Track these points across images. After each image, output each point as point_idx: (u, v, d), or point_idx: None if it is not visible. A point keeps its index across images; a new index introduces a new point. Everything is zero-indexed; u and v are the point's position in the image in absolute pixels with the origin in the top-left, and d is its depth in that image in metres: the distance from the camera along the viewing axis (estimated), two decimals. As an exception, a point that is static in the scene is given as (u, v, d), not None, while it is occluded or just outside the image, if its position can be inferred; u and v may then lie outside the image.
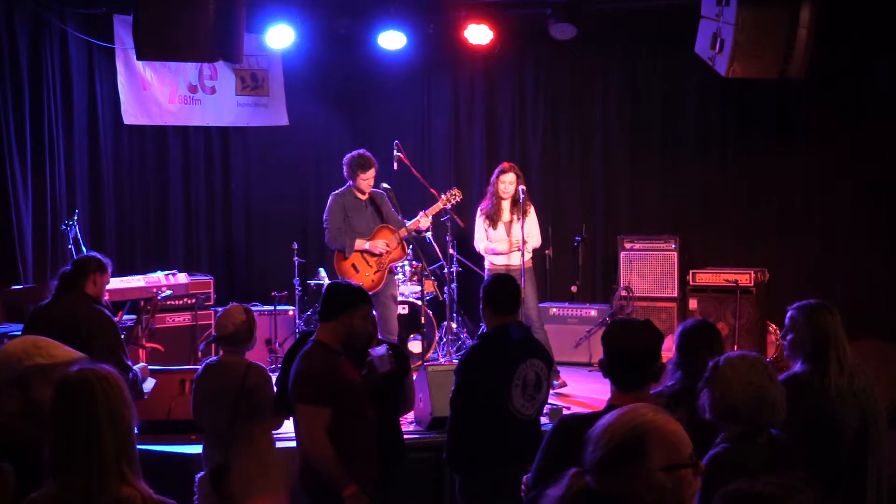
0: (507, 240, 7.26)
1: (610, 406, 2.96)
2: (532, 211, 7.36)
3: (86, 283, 4.73)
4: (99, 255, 4.90)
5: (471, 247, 8.83)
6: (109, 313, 4.81)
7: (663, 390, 3.58)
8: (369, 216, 7.22)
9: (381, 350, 4.06)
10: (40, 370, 2.72)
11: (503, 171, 7.28)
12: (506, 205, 7.32)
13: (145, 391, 4.96)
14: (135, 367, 4.82)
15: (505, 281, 4.30)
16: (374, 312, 6.96)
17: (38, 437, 2.47)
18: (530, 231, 7.27)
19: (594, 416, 3.06)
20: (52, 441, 2.37)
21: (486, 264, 7.43)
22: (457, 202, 7.44)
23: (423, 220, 7.28)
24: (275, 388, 4.39)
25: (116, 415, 2.38)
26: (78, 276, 4.74)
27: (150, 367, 5.31)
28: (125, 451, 2.37)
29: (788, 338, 3.67)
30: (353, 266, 7.13)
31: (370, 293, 6.91)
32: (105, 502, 2.31)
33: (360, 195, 7.19)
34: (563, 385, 7.13)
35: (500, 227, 7.31)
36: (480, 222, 7.43)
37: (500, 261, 7.31)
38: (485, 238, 7.39)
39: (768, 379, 2.91)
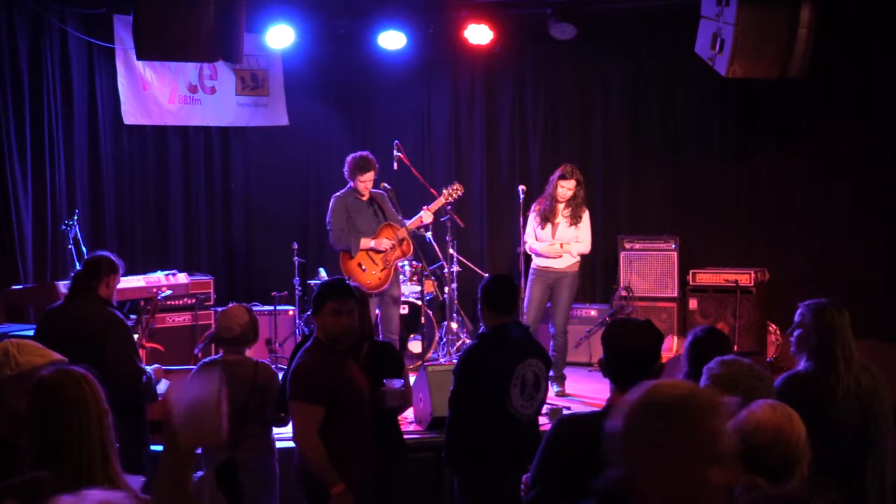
0: (551, 241, 7.10)
1: (609, 406, 2.97)
2: (586, 216, 7.21)
3: (99, 286, 4.71)
4: (111, 256, 4.86)
5: (472, 247, 8.85)
6: (122, 316, 4.79)
7: None
8: (371, 216, 7.22)
9: (396, 384, 4.10)
10: (10, 380, 2.70)
11: (564, 177, 7.06)
12: (560, 206, 7.15)
13: (159, 393, 4.95)
14: (149, 370, 4.81)
15: (503, 281, 4.31)
16: (378, 310, 7.04)
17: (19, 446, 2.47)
18: (579, 237, 7.15)
19: (593, 416, 3.07)
20: (33, 442, 2.36)
21: (532, 266, 7.23)
22: (459, 196, 7.42)
23: (426, 216, 7.27)
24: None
25: (101, 413, 2.38)
26: (91, 278, 4.71)
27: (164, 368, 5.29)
28: (109, 450, 2.38)
29: (796, 333, 3.70)
30: (360, 265, 7.13)
31: (377, 291, 7.01)
32: None
33: (360, 196, 7.20)
34: (563, 395, 7.09)
35: (548, 227, 7.15)
36: (532, 219, 7.23)
37: (543, 262, 7.16)
38: (533, 236, 7.22)
39: (744, 373, 2.91)
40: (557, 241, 7.09)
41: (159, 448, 5.31)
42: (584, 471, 2.82)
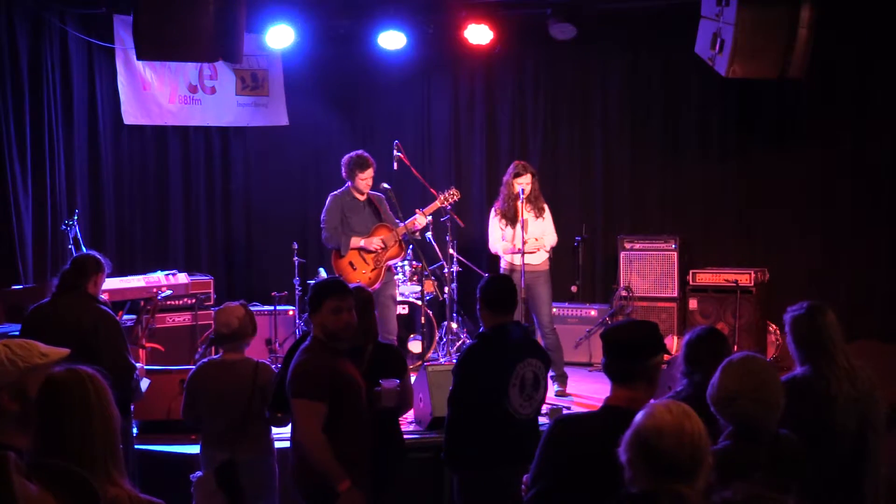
0: (522, 238, 7.07)
1: (607, 404, 2.97)
2: (547, 209, 7.27)
3: (87, 284, 4.74)
4: (97, 254, 4.91)
5: (472, 247, 8.83)
6: (112, 312, 4.81)
7: (671, 396, 3.58)
8: (367, 216, 7.23)
9: (391, 384, 4.09)
10: (37, 370, 2.69)
11: (518, 174, 7.09)
12: (520, 204, 7.12)
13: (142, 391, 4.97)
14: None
15: (501, 280, 4.31)
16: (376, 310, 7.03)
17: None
18: (545, 229, 7.19)
19: (591, 416, 3.08)
20: (37, 439, 2.35)
21: (503, 264, 7.25)
22: (454, 202, 7.42)
23: (420, 219, 7.26)
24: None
25: (106, 413, 2.37)
26: (80, 276, 4.74)
27: (147, 367, 5.32)
28: (112, 451, 2.36)
29: (788, 339, 3.70)
30: (350, 264, 7.14)
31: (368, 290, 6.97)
32: None
33: (358, 196, 7.20)
34: (564, 395, 7.07)
35: (518, 226, 7.08)
36: (495, 222, 7.27)
37: (512, 261, 7.16)
38: (500, 238, 7.25)
39: (747, 376, 2.90)
40: (532, 237, 7.07)
41: (144, 447, 5.35)
42: (582, 470, 2.84)
